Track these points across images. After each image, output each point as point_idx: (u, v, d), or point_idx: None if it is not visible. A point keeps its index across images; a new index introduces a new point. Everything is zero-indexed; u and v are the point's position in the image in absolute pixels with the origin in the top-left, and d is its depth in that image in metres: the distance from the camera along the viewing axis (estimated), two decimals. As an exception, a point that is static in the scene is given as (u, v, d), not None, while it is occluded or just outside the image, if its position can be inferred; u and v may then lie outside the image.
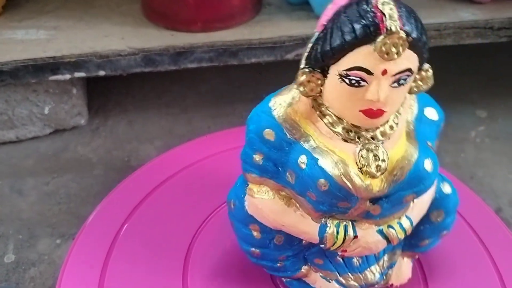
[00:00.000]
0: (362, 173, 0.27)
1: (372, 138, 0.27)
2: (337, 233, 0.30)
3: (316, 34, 0.26)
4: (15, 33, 0.50)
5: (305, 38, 0.49)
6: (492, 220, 0.42)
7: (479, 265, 0.37)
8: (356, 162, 0.27)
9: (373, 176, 0.27)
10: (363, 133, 0.27)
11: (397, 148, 0.27)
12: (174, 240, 0.38)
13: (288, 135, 0.29)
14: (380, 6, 0.23)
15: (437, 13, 0.53)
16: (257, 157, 0.30)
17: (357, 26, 0.24)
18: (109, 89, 0.61)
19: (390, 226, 0.30)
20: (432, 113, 0.30)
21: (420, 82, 0.27)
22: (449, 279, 0.36)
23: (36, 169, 0.52)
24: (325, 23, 0.26)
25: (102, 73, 0.48)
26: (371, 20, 0.23)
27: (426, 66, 0.27)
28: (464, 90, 0.66)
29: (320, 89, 0.27)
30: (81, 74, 0.48)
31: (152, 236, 0.38)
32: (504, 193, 0.53)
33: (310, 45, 0.27)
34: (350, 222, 0.30)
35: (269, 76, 0.64)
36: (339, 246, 0.30)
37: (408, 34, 0.23)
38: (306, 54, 0.27)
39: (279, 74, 0.60)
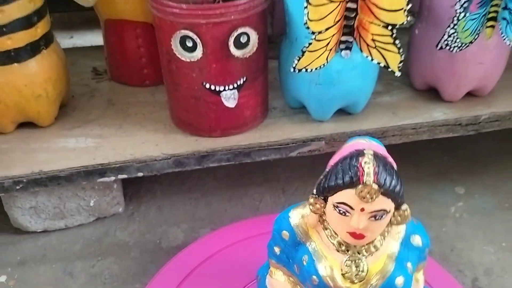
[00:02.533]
0: (344, 278, 0.37)
1: (358, 252, 0.37)
2: None
3: (326, 171, 0.37)
4: (67, 142, 0.61)
5: (305, 140, 0.60)
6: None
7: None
8: (341, 269, 0.37)
9: (352, 282, 0.37)
10: (352, 247, 0.37)
11: (377, 264, 0.37)
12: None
13: (298, 237, 0.40)
14: (362, 164, 0.34)
15: (413, 114, 0.64)
16: (276, 249, 0.42)
17: (345, 176, 0.34)
18: (140, 178, 0.72)
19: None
20: (417, 240, 0.39)
21: (398, 218, 0.37)
22: None
23: (83, 253, 0.62)
24: (332, 165, 0.36)
25: (140, 174, 0.58)
26: (354, 174, 0.34)
27: (404, 207, 0.36)
28: (445, 170, 0.76)
29: (323, 210, 0.37)
30: (124, 176, 0.58)
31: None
32: (480, 264, 0.62)
33: (321, 177, 0.37)
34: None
35: (276, 164, 0.75)
36: None
37: (380, 186, 0.33)
38: (317, 184, 0.37)
39: (284, 162, 0.71)
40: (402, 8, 0.48)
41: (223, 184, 0.73)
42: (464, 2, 0.54)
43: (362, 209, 0.34)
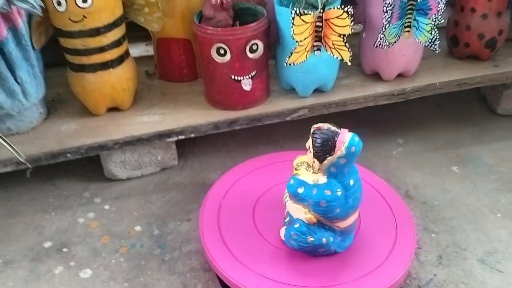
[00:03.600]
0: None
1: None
2: None
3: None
4: (142, 118, 0.94)
5: (295, 109, 0.94)
6: (394, 194, 0.85)
7: (383, 212, 0.80)
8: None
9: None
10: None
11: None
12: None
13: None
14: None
15: (364, 90, 0.98)
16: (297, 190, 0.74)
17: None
18: (185, 143, 1.05)
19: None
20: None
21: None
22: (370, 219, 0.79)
23: (155, 190, 0.95)
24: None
25: (192, 135, 0.92)
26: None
27: None
28: (390, 128, 1.11)
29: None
30: (182, 137, 0.92)
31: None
32: (410, 183, 0.96)
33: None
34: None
35: (276, 130, 1.09)
36: None
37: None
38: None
39: (282, 128, 1.05)
40: (347, 25, 0.83)
41: (241, 145, 1.06)
42: (388, 17, 0.89)
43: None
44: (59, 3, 0.80)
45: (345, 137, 0.62)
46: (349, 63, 0.88)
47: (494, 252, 0.81)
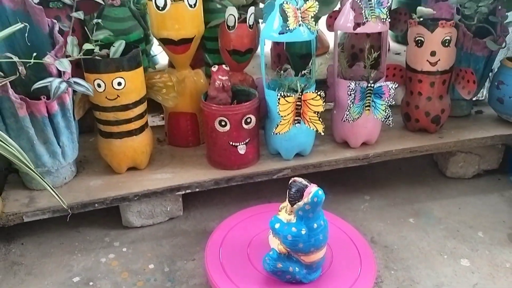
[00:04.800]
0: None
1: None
2: None
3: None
4: (156, 175, 1.15)
5: (280, 169, 1.17)
6: (361, 239, 1.06)
7: (351, 253, 1.01)
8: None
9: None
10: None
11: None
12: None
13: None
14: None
15: (335, 154, 1.22)
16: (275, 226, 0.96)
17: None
18: (188, 197, 1.25)
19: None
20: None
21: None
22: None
23: (164, 235, 1.14)
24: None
25: (197, 190, 1.13)
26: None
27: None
28: (359, 187, 1.34)
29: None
30: (189, 191, 1.13)
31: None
32: (375, 231, 1.17)
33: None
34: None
35: (264, 188, 1.31)
36: None
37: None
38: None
39: (269, 186, 1.25)
40: (320, 105, 1.08)
41: (235, 199, 1.27)
42: (352, 99, 1.15)
43: None
44: (99, 85, 1.03)
45: (312, 189, 0.84)
46: (322, 133, 1.12)
47: (441, 285, 1.00)
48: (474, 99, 1.46)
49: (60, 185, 1.11)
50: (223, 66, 1.15)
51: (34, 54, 0.90)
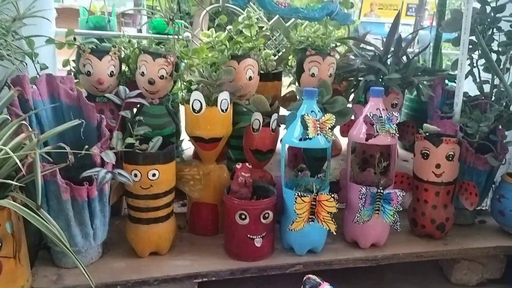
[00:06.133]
0: None
1: None
2: None
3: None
4: (176, 262, 1.22)
5: (293, 264, 1.24)
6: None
7: None
8: None
9: None
10: None
11: None
12: None
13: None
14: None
15: (345, 253, 1.29)
16: None
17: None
18: (203, 283, 1.30)
19: None
20: None
21: None
22: None
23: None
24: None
25: (213, 279, 1.20)
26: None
27: None
28: (367, 286, 1.39)
29: None
30: (205, 279, 1.19)
31: None
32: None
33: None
34: None
35: (276, 280, 1.36)
36: None
37: None
38: None
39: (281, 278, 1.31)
40: (334, 206, 1.17)
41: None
42: (362, 203, 1.24)
43: None
44: (136, 175, 1.15)
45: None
46: (334, 233, 1.21)
47: None
48: (477, 208, 1.54)
49: (87, 264, 1.19)
50: (246, 164, 1.27)
51: (86, 146, 1.03)
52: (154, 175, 1.16)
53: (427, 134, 1.36)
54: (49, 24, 1.51)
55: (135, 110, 1.42)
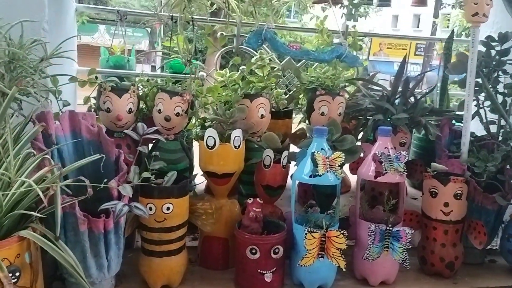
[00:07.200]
0: None
1: None
2: None
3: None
4: (186, 295, 1.24)
5: (303, 300, 1.24)
6: None
7: None
8: None
9: None
10: None
11: None
12: None
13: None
14: None
15: None
16: None
17: None
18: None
19: None
20: None
21: None
22: None
23: None
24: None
25: (223, 313, 1.21)
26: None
27: None
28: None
29: None
30: (216, 313, 1.20)
31: None
32: None
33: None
34: None
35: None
36: None
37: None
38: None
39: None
40: (343, 243, 1.19)
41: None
42: (372, 240, 1.26)
43: None
44: (150, 209, 1.19)
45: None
46: (344, 269, 1.22)
47: None
48: (487, 248, 1.55)
49: (99, 297, 1.21)
50: (258, 199, 1.30)
51: (105, 180, 1.08)
52: (168, 208, 1.19)
53: (435, 172, 1.39)
54: (71, 63, 1.60)
55: (150, 145, 1.47)
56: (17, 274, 1.00)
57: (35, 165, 1.07)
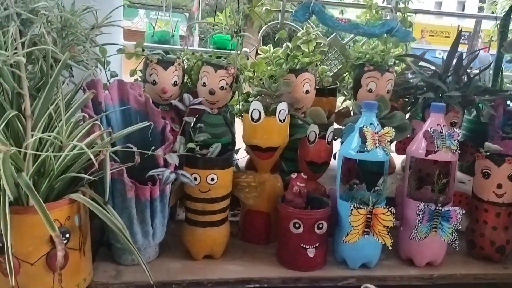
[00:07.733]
0: None
1: None
2: None
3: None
4: (228, 266, 1.24)
5: (345, 277, 1.22)
6: None
7: None
8: None
9: None
10: None
11: None
12: None
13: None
14: None
15: (400, 270, 1.26)
16: None
17: None
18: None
19: None
20: None
21: None
22: None
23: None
24: None
25: (265, 285, 1.20)
26: None
27: None
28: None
29: None
30: (257, 285, 1.20)
31: None
32: None
33: None
34: None
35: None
36: None
37: None
38: None
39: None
40: (390, 220, 1.16)
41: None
42: (420, 219, 1.22)
43: None
44: (195, 179, 1.19)
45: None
46: (390, 247, 1.19)
47: None
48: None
49: (145, 263, 1.22)
50: (302, 174, 1.28)
51: (153, 147, 1.08)
52: (212, 179, 1.19)
53: (488, 153, 1.33)
54: (118, 37, 1.61)
55: (194, 119, 1.47)
56: (67, 235, 1.03)
57: (86, 131, 1.08)
